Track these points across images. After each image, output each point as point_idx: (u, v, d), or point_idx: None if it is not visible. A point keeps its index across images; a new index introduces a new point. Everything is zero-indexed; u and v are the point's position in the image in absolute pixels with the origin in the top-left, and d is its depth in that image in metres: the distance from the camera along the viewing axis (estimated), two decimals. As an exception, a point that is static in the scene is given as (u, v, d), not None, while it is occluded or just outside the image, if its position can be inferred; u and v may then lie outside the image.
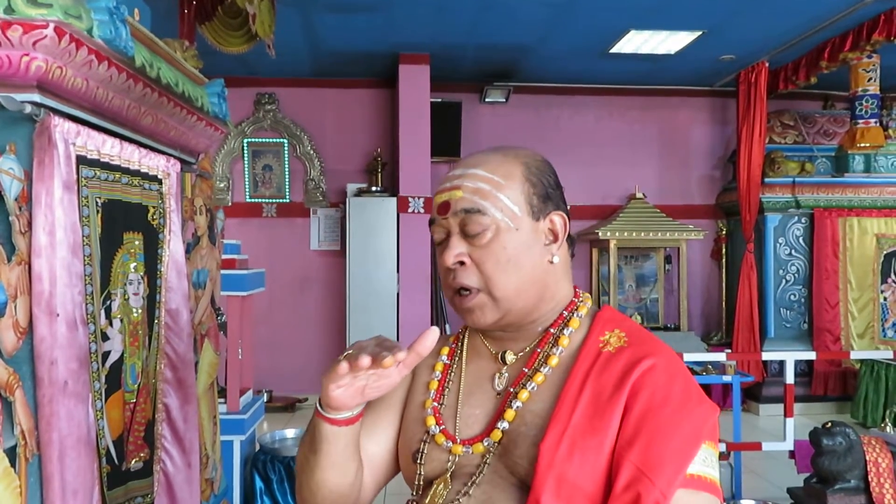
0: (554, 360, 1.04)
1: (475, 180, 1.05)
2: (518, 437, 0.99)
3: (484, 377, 1.10)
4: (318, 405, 1.00)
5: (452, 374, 1.13)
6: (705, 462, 0.93)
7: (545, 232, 1.07)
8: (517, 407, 1.02)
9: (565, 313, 1.09)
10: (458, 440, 1.04)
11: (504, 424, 1.01)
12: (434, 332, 0.91)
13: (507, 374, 1.07)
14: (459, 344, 1.17)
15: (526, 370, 1.05)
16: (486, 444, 1.02)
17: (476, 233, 1.03)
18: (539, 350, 1.07)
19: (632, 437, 0.92)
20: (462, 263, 1.04)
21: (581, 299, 1.12)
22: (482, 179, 1.04)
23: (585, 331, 1.07)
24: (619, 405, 0.95)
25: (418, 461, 1.06)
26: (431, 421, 1.07)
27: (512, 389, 1.04)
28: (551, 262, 1.07)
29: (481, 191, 1.04)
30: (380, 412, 1.15)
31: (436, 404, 1.09)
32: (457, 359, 1.14)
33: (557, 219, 1.08)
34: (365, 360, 0.89)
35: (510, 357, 1.08)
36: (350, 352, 0.93)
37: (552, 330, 1.08)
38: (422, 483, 1.06)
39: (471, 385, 1.10)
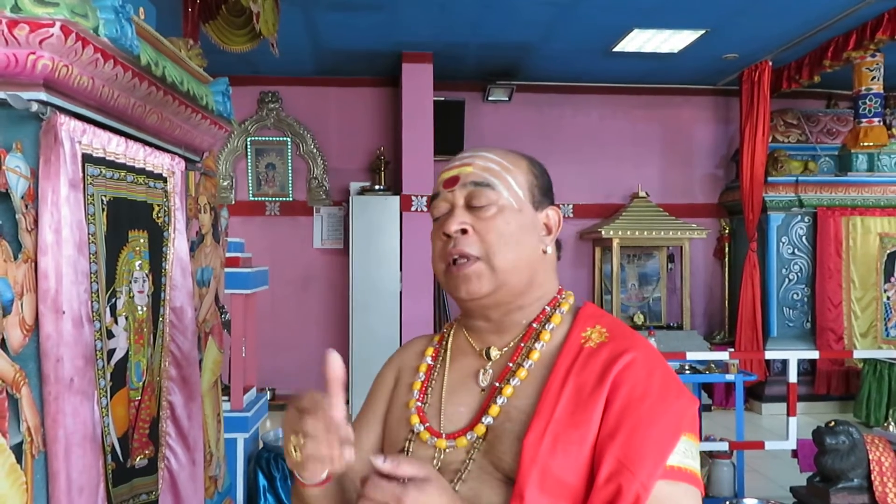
0: (535, 355, 1.06)
1: (486, 160, 1.10)
2: (503, 433, 1.00)
3: (468, 374, 1.10)
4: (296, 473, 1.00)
5: (436, 373, 1.13)
6: (685, 454, 0.95)
7: (541, 224, 1.12)
8: (502, 403, 1.03)
9: (548, 308, 1.11)
10: (443, 435, 1.05)
11: (488, 419, 1.02)
12: (334, 355, 0.91)
13: (491, 371, 1.09)
14: (444, 344, 1.17)
15: (510, 365, 1.07)
16: (469, 438, 1.02)
17: (482, 205, 1.06)
18: (522, 345, 1.09)
19: (613, 430, 0.94)
20: (465, 232, 1.06)
21: (563, 296, 1.14)
22: (492, 161, 1.10)
23: (567, 326, 1.09)
24: (600, 400, 0.96)
25: None
26: (415, 419, 1.07)
27: (497, 385, 1.06)
28: (544, 252, 1.11)
29: (491, 169, 1.09)
30: (367, 425, 1.17)
31: (419, 404, 1.10)
32: (440, 359, 1.15)
33: (553, 214, 1.13)
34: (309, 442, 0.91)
35: (494, 353, 1.10)
36: (288, 438, 0.94)
37: (535, 325, 1.10)
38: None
39: (455, 383, 1.10)
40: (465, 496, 0.98)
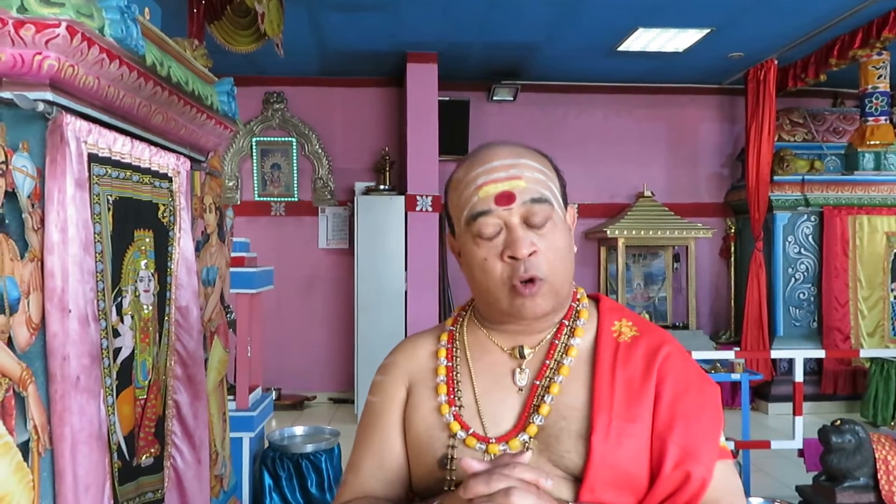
0: (574, 352, 1.06)
1: (532, 171, 1.04)
2: (560, 431, 1.00)
3: (500, 374, 1.08)
4: None
5: (458, 375, 1.09)
6: (721, 434, 1.04)
7: (569, 225, 1.10)
8: (551, 401, 1.02)
9: (573, 304, 1.11)
10: (492, 439, 1.02)
11: (539, 419, 1.01)
12: (528, 455, 0.90)
13: (527, 370, 1.07)
14: (457, 343, 1.13)
15: (548, 362, 1.06)
16: (521, 439, 1.01)
17: (542, 223, 1.02)
18: (556, 342, 1.08)
19: (669, 421, 0.99)
20: (531, 254, 1.01)
21: (576, 288, 1.15)
22: (537, 170, 1.05)
23: (595, 321, 1.10)
24: (650, 392, 1.01)
25: (448, 467, 1.03)
26: (456, 426, 1.04)
27: (537, 383, 1.05)
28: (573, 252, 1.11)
29: (542, 181, 1.05)
30: (386, 436, 1.11)
31: (454, 409, 1.06)
32: (458, 359, 1.11)
33: (572, 210, 1.12)
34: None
35: (528, 351, 1.08)
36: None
37: (566, 322, 1.09)
38: (453, 489, 1.01)
39: (487, 383, 1.07)
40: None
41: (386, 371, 1.16)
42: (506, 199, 1.02)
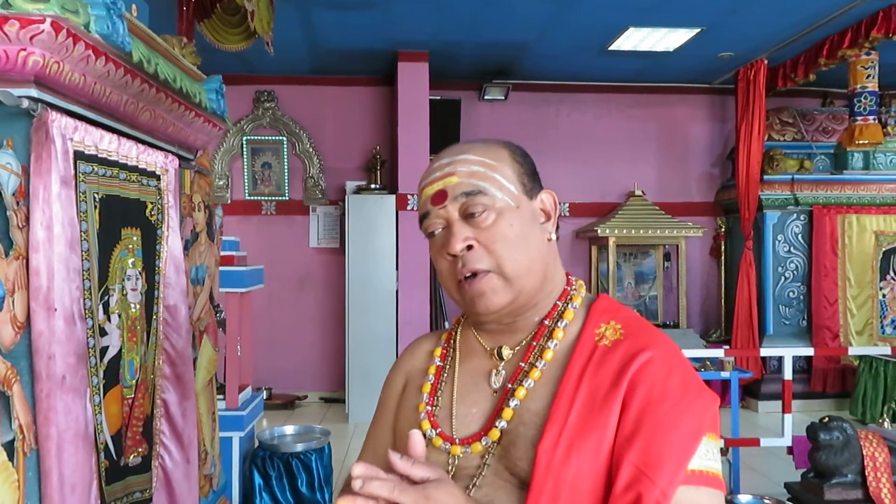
0: (549, 355, 1.02)
1: (468, 164, 1.03)
2: (517, 437, 0.97)
3: (480, 375, 1.07)
4: None
5: (446, 374, 1.10)
6: (706, 455, 0.91)
7: (539, 212, 1.07)
8: (515, 406, 0.99)
9: (559, 303, 1.07)
10: (457, 441, 1.01)
11: (502, 423, 0.99)
12: (417, 435, 0.87)
13: (504, 371, 1.05)
14: (452, 343, 1.13)
15: (523, 365, 1.03)
16: (484, 443, 0.99)
17: (480, 213, 1.00)
18: (535, 343, 1.04)
19: (631, 434, 0.90)
20: (470, 248, 1.00)
21: (574, 287, 1.10)
22: (474, 163, 1.03)
23: (581, 322, 1.04)
24: (616, 402, 0.93)
25: None
26: (427, 425, 1.04)
27: (510, 386, 1.02)
28: (549, 240, 1.07)
29: (477, 173, 1.02)
30: (379, 433, 1.15)
31: (429, 408, 1.06)
32: (450, 359, 1.11)
33: (547, 197, 1.08)
34: None
35: (506, 352, 1.05)
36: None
37: (547, 322, 1.05)
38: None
39: (466, 384, 1.07)
40: (480, 502, 0.94)
41: (393, 367, 1.21)
42: (439, 198, 1.03)
